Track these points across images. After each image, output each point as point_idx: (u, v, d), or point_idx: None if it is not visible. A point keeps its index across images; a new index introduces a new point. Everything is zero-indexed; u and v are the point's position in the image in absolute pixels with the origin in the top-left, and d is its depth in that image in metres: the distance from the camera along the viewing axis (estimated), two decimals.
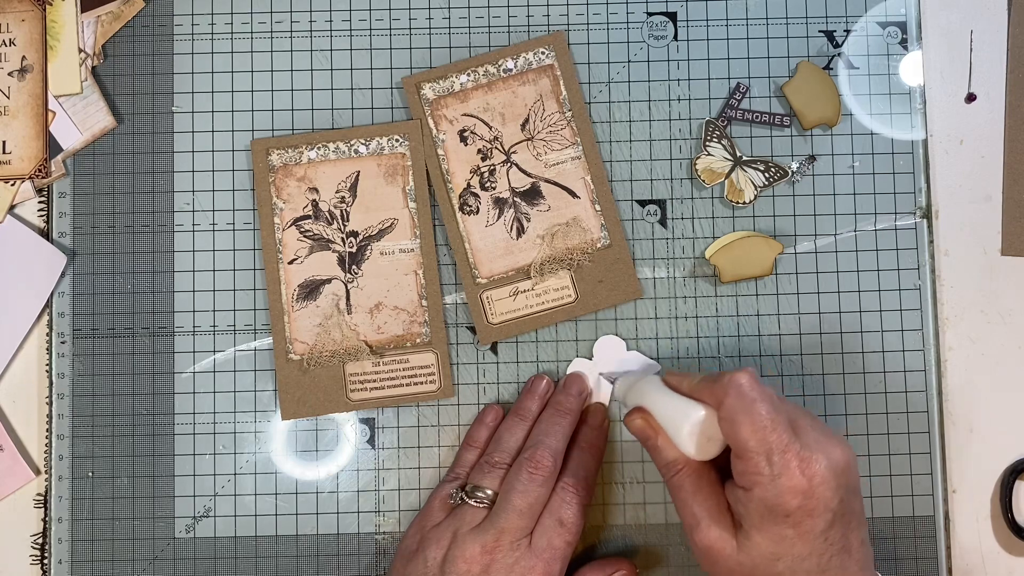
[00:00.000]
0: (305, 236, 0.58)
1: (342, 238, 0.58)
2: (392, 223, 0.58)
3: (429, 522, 0.54)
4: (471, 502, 0.53)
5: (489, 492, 0.53)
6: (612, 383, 0.56)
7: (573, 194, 0.59)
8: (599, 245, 0.59)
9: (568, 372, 0.58)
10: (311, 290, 0.58)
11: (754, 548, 0.47)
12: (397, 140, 0.59)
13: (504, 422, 0.56)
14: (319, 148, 0.58)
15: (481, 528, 0.51)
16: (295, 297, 0.58)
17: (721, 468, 0.50)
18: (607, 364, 0.58)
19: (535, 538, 0.51)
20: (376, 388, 0.58)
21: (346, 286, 0.58)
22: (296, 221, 0.58)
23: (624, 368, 0.58)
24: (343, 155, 0.59)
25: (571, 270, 0.58)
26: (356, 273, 0.58)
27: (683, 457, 0.50)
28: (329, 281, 0.58)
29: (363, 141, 0.59)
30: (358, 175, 0.58)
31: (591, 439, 0.56)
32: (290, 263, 0.58)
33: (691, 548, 0.49)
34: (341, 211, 0.58)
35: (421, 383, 0.58)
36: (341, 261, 0.58)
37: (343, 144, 0.59)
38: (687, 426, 0.49)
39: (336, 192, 0.58)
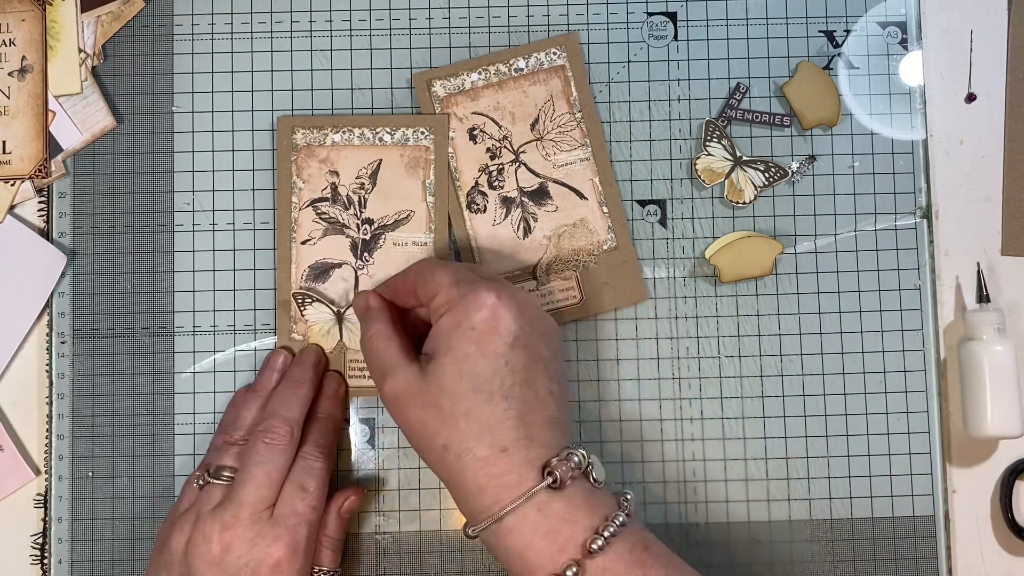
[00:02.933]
0: (321, 218, 0.58)
1: (357, 224, 0.58)
2: (408, 215, 0.58)
3: (179, 510, 0.53)
4: (213, 481, 0.52)
5: (229, 472, 0.52)
6: None
7: (581, 195, 0.59)
8: (605, 247, 0.59)
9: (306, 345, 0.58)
10: (321, 272, 0.58)
11: (440, 370, 0.48)
12: (423, 133, 0.59)
13: (240, 399, 0.56)
14: (344, 132, 0.58)
15: (221, 506, 0.51)
16: (304, 277, 0.58)
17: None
18: None
19: (277, 507, 0.51)
20: None
21: (356, 272, 0.58)
22: (314, 202, 0.58)
23: None
24: (367, 142, 0.59)
25: (577, 271, 0.58)
26: (367, 260, 0.58)
27: (378, 302, 0.53)
28: (340, 266, 0.58)
29: (389, 130, 0.59)
30: (380, 163, 0.58)
31: (327, 408, 0.56)
32: (303, 243, 0.58)
33: (383, 398, 0.50)
34: (359, 197, 0.58)
35: None
36: (354, 247, 0.58)
37: (368, 131, 0.59)
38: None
39: (356, 178, 0.58)
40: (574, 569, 0.45)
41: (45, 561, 0.58)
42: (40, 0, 0.59)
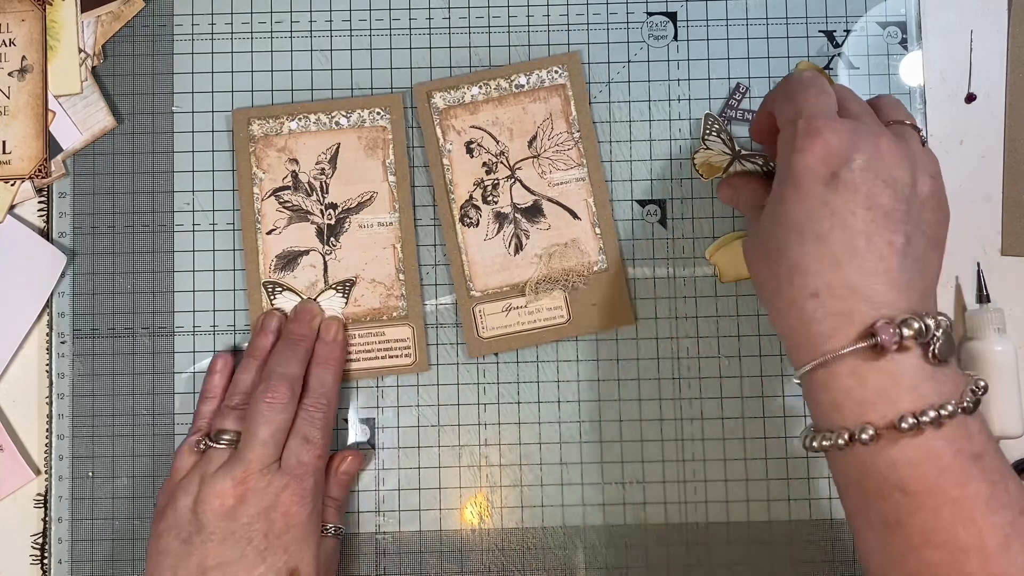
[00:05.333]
0: (284, 207, 0.58)
1: (321, 210, 0.58)
2: (371, 196, 0.58)
3: (176, 476, 0.53)
4: (215, 445, 0.53)
5: (231, 434, 0.53)
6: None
7: (574, 215, 0.59)
8: (596, 268, 0.58)
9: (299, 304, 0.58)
10: (289, 261, 0.58)
11: (767, 216, 0.47)
12: (379, 113, 0.59)
13: (239, 365, 0.56)
14: (300, 119, 0.59)
15: (229, 464, 0.51)
16: (273, 268, 0.58)
17: None
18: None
19: (284, 459, 0.52)
20: (351, 360, 0.58)
21: (324, 258, 0.58)
22: (276, 192, 0.58)
23: None
24: (324, 127, 0.59)
25: (566, 291, 0.58)
26: (335, 245, 0.58)
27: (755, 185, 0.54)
28: (307, 253, 0.58)
29: (344, 113, 0.59)
30: (338, 147, 0.59)
31: (326, 354, 0.56)
32: (268, 233, 0.58)
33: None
34: (321, 183, 0.58)
35: (396, 356, 0.58)
36: (319, 233, 0.58)
37: (324, 116, 0.59)
38: None
39: (316, 164, 0.59)
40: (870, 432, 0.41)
41: (45, 561, 0.58)
42: (40, 0, 0.59)
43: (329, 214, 0.58)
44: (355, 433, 0.58)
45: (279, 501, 0.51)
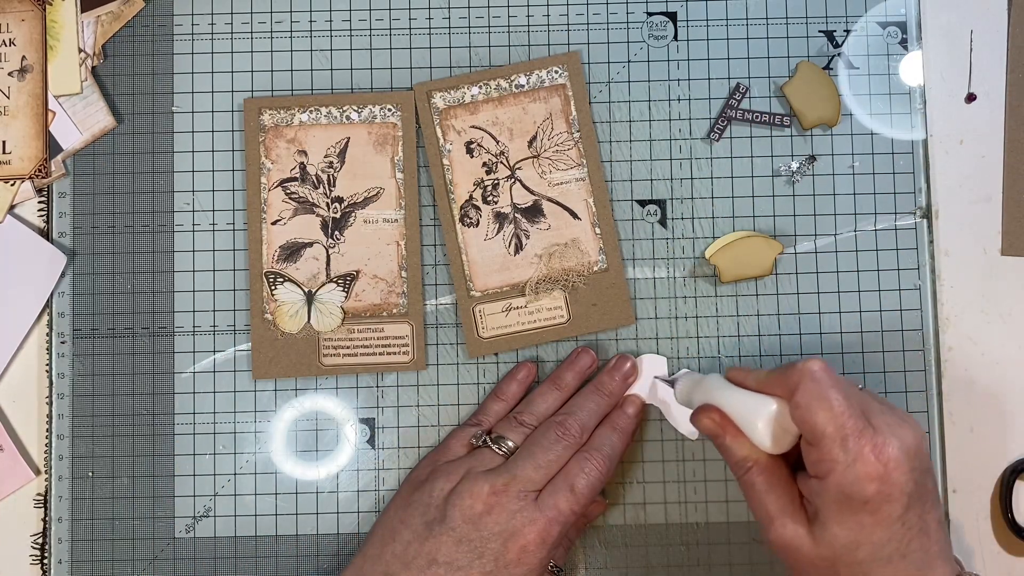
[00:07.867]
0: (290, 198, 0.58)
1: (327, 203, 0.58)
2: (378, 192, 0.58)
3: (444, 457, 0.55)
4: (493, 447, 0.54)
5: (511, 444, 0.54)
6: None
7: (574, 215, 0.59)
8: (596, 268, 0.58)
9: (619, 354, 0.58)
10: (292, 252, 0.58)
11: (833, 539, 0.46)
12: (390, 110, 0.59)
13: (539, 387, 0.57)
14: (311, 111, 0.59)
15: (495, 471, 0.52)
16: (276, 258, 0.58)
17: (791, 463, 0.50)
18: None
19: (543, 495, 0.51)
20: (349, 355, 0.58)
21: (327, 251, 0.58)
22: (283, 182, 0.58)
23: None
24: (335, 120, 0.59)
25: (566, 291, 0.58)
26: (338, 239, 0.58)
27: (754, 453, 0.49)
28: (311, 245, 0.58)
29: (356, 108, 0.59)
30: (348, 141, 0.59)
31: (622, 422, 0.56)
32: (273, 224, 0.58)
33: (767, 545, 0.49)
34: (328, 176, 0.58)
35: (394, 353, 0.58)
36: (324, 226, 0.58)
37: (335, 109, 0.59)
38: (762, 419, 0.48)
39: (325, 156, 0.59)
40: None
41: (45, 561, 0.58)
42: (40, 0, 0.59)
43: (335, 207, 0.59)
44: (355, 433, 0.58)
45: (521, 533, 0.50)
